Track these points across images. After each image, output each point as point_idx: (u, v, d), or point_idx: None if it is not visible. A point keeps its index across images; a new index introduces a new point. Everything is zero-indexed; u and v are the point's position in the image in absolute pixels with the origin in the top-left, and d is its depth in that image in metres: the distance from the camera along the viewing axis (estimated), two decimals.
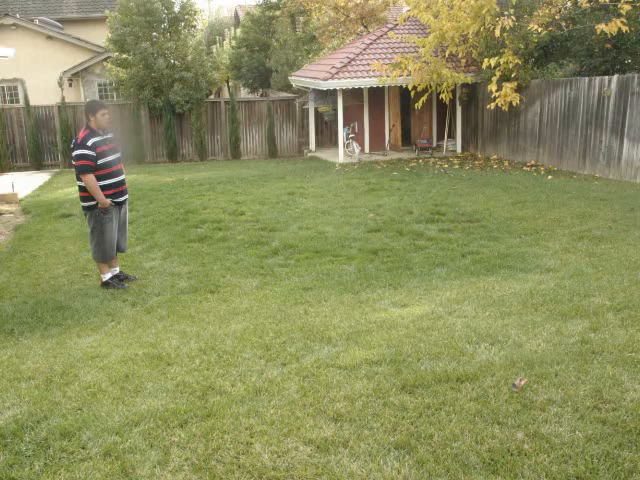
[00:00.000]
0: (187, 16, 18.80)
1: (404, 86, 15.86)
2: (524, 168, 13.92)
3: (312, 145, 18.93)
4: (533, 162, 14.47)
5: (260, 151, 19.40)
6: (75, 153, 6.36)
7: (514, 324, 4.39)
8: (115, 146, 6.61)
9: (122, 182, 6.69)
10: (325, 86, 15.56)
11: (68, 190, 13.46)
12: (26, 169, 17.75)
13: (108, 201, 6.48)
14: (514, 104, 14.28)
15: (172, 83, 17.98)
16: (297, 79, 18.30)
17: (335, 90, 16.01)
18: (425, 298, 5.45)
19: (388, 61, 15.87)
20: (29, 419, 3.24)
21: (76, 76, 21.52)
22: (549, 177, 12.54)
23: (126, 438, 3.01)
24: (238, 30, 25.86)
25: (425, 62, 15.01)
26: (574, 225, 8.27)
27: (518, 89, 14.35)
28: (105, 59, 20.19)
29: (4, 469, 2.79)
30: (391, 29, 17.29)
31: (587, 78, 12.94)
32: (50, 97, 19.03)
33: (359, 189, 11.99)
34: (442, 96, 15.35)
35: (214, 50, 25.31)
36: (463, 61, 16.04)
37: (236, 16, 30.35)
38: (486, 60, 14.07)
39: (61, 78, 19.22)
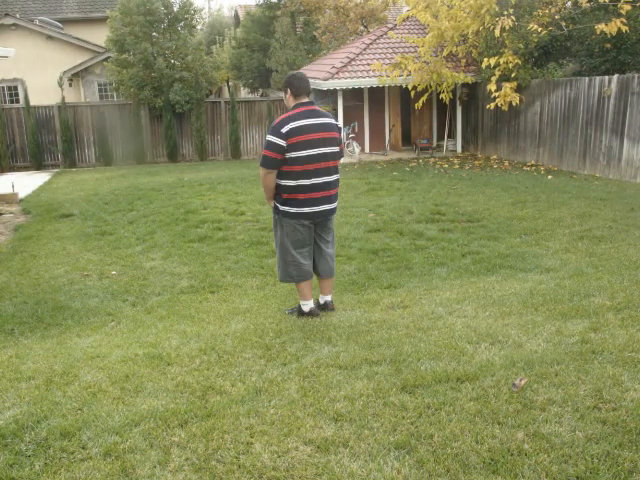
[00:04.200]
0: (186, 15, 18.82)
1: (404, 86, 15.87)
2: (524, 168, 13.92)
3: None
4: (533, 162, 14.47)
5: (260, 151, 19.37)
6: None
7: (514, 324, 4.39)
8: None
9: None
10: (325, 86, 15.56)
11: (68, 190, 13.46)
12: (26, 169, 17.75)
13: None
14: (514, 104, 14.29)
15: (172, 83, 17.99)
16: None
17: (335, 90, 16.02)
18: (425, 298, 5.45)
19: (388, 61, 15.88)
20: (29, 419, 3.23)
21: (76, 76, 21.52)
22: (549, 177, 12.54)
23: (126, 438, 3.01)
24: (238, 30, 25.89)
25: (425, 62, 15.03)
26: (574, 225, 8.27)
27: (518, 89, 14.36)
28: (105, 59, 20.19)
29: (4, 469, 2.79)
30: (391, 29, 17.30)
31: (587, 78, 12.94)
32: (50, 97, 19.03)
33: (359, 189, 11.98)
34: (442, 96, 15.36)
35: (214, 50, 25.32)
36: (463, 61, 16.05)
37: (236, 16, 30.36)
38: (486, 60, 14.08)
39: (61, 78, 19.21)
